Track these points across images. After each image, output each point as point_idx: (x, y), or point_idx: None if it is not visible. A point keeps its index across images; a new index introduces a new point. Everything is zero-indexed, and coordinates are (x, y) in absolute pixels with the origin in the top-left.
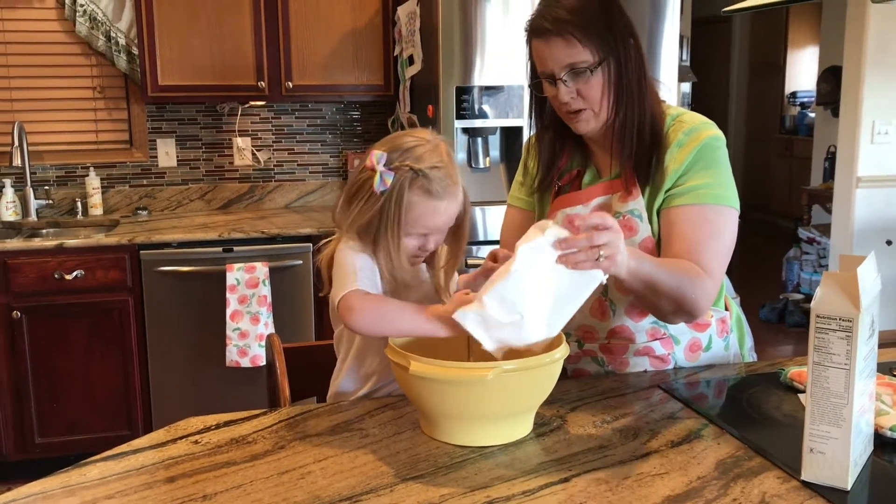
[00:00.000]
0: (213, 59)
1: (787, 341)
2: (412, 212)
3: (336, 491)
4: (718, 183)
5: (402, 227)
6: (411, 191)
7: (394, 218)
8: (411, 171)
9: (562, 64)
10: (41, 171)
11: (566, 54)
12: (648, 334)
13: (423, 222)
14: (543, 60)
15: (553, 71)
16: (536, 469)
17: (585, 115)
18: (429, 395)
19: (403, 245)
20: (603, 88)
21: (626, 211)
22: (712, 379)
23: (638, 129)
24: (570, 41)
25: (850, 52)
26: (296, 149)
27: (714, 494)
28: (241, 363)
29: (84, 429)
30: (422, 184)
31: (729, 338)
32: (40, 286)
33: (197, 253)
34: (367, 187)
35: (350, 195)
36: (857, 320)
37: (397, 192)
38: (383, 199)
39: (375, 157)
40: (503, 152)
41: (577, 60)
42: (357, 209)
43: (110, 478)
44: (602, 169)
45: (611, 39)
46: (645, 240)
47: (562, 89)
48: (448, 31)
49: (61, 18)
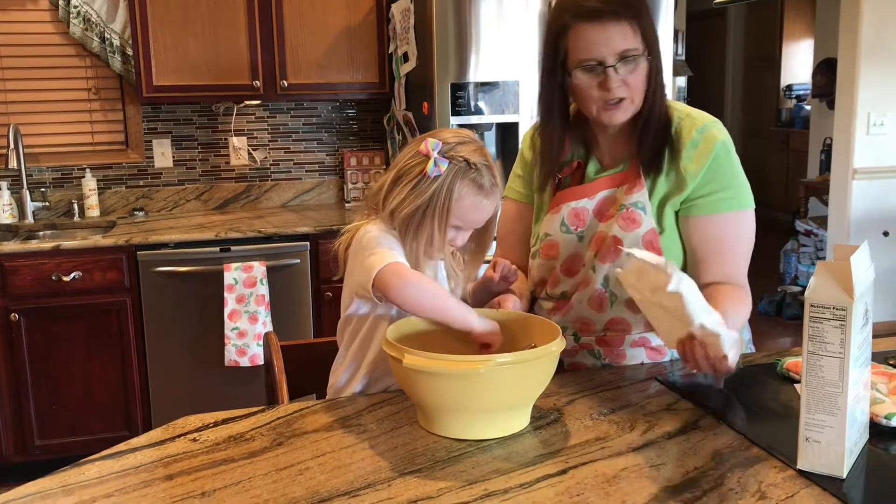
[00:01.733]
0: (208, 59)
1: (786, 333)
2: (458, 203)
3: (334, 486)
4: (737, 187)
5: (449, 216)
6: (463, 182)
7: (444, 206)
8: (466, 162)
9: (616, 50)
10: (37, 173)
11: (622, 40)
12: (645, 325)
13: (464, 215)
14: (593, 45)
15: (604, 57)
16: (534, 462)
17: (625, 104)
18: (424, 388)
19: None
20: (646, 78)
21: (629, 203)
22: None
23: (659, 122)
24: (627, 27)
25: (844, 43)
26: (292, 147)
27: (711, 485)
28: (239, 362)
29: (84, 430)
30: (474, 177)
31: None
32: (38, 288)
33: (194, 253)
34: (416, 172)
35: (396, 178)
36: (851, 309)
37: (450, 181)
38: (434, 187)
39: (431, 144)
40: (499, 148)
41: (630, 47)
42: (402, 195)
43: (108, 477)
44: (606, 161)
45: (653, 31)
46: (648, 232)
47: (612, 77)
48: (442, 28)
49: (55, 20)
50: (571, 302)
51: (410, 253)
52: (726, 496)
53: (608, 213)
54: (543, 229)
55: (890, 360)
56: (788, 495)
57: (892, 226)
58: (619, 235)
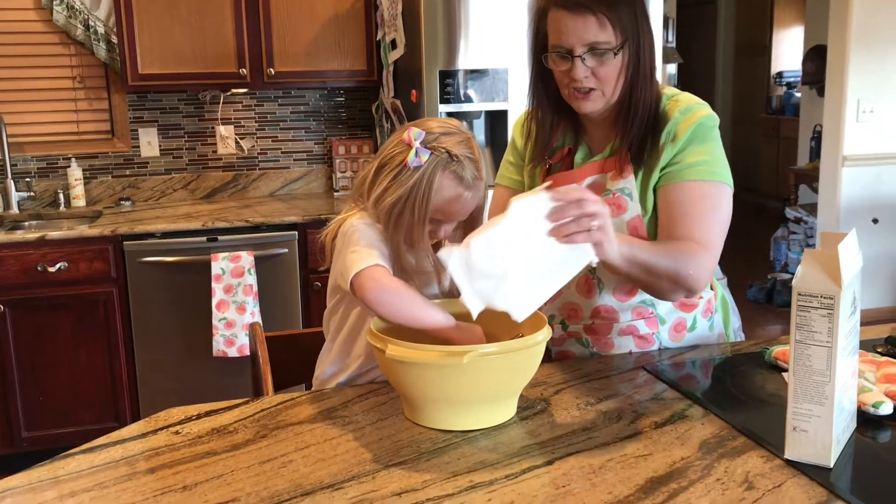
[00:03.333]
0: (194, 47)
1: (776, 321)
2: (439, 195)
3: (318, 479)
4: (713, 160)
5: (429, 208)
6: (444, 174)
7: (423, 197)
8: (447, 154)
9: (584, 41)
10: (22, 162)
11: (592, 33)
12: (634, 313)
13: (445, 208)
14: (563, 34)
15: (572, 46)
16: (520, 453)
17: (594, 95)
18: (408, 379)
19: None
20: (619, 71)
21: (616, 189)
22: (697, 359)
23: (646, 112)
24: (600, 20)
25: (834, 31)
26: (279, 136)
27: (698, 475)
28: (228, 353)
29: (71, 421)
30: (455, 169)
31: (713, 318)
32: (23, 279)
33: (181, 243)
34: (398, 162)
35: (379, 167)
36: (839, 297)
37: (430, 172)
38: (414, 178)
39: (413, 134)
40: (488, 136)
41: (600, 40)
42: (384, 184)
43: (89, 470)
44: (594, 148)
45: (634, 22)
46: (633, 218)
47: (578, 67)
48: (431, 15)
49: (38, 7)
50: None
51: (392, 244)
52: (713, 486)
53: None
54: None
55: (878, 349)
56: (776, 485)
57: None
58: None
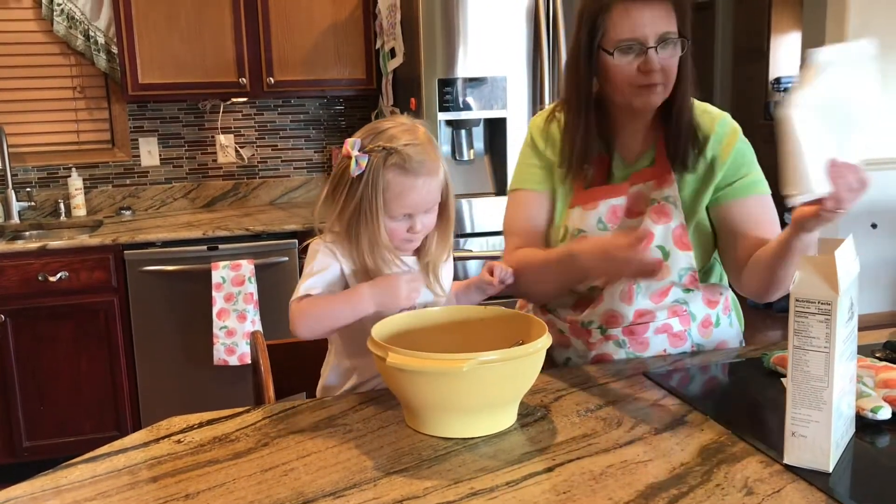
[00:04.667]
0: (194, 56)
1: (776, 326)
2: (390, 191)
3: (319, 487)
4: (760, 172)
5: (381, 209)
6: (386, 169)
7: (372, 200)
8: (384, 150)
9: (658, 31)
10: (22, 172)
11: (666, 21)
12: (669, 311)
13: (403, 201)
14: (637, 25)
15: (646, 37)
16: (520, 459)
17: (659, 89)
18: (409, 387)
19: (388, 229)
20: (676, 67)
21: (661, 198)
22: (696, 365)
23: (690, 113)
24: (670, 9)
25: (831, 36)
26: (279, 145)
27: (698, 481)
28: (228, 361)
29: (72, 431)
30: (396, 161)
31: (731, 315)
32: (24, 289)
33: (182, 252)
34: (346, 176)
35: (332, 188)
36: (836, 303)
37: (373, 174)
38: (361, 184)
39: (350, 144)
40: (487, 144)
41: (671, 30)
42: (340, 202)
43: (91, 479)
44: (626, 155)
45: (690, 19)
46: (678, 227)
47: (653, 58)
48: (429, 23)
49: (38, 18)
50: (602, 296)
51: (358, 260)
52: (713, 492)
53: (637, 208)
54: (575, 225)
55: (876, 354)
56: (775, 490)
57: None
58: (649, 229)
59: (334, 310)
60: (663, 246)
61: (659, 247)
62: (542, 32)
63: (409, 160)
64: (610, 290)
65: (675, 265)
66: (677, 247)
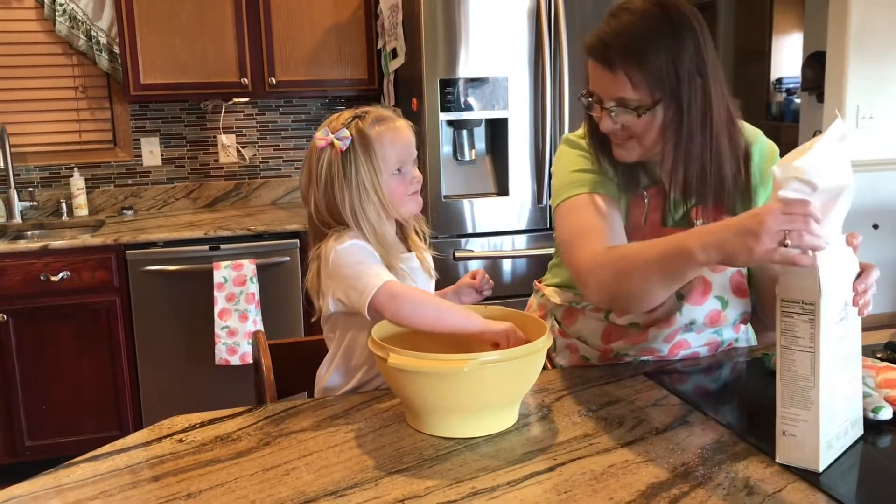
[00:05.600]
0: (195, 57)
1: None
2: (379, 142)
3: (321, 486)
4: None
5: (378, 170)
6: (367, 127)
7: (368, 163)
8: (354, 117)
9: (612, 96)
10: (25, 172)
11: (618, 88)
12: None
13: (395, 147)
14: (593, 81)
15: (601, 97)
16: (521, 459)
17: (630, 144)
18: (410, 387)
19: (389, 190)
20: (654, 127)
21: None
22: (697, 366)
23: (705, 172)
24: (622, 77)
25: (833, 36)
26: (281, 145)
27: (699, 480)
28: (230, 361)
29: (74, 431)
30: (372, 117)
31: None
32: (26, 288)
33: (184, 252)
34: (336, 168)
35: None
36: (820, 303)
37: (358, 139)
38: (353, 157)
39: (321, 133)
40: (488, 144)
41: (628, 97)
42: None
43: (94, 478)
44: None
45: (672, 80)
46: (735, 273)
47: (605, 119)
48: (431, 23)
49: (41, 18)
50: (646, 335)
51: (376, 243)
52: (714, 491)
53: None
54: None
55: (878, 354)
56: (776, 490)
57: (881, 218)
58: (708, 279)
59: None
60: (721, 296)
61: (717, 297)
62: (544, 32)
63: (382, 113)
64: (654, 332)
65: (731, 314)
66: (736, 295)
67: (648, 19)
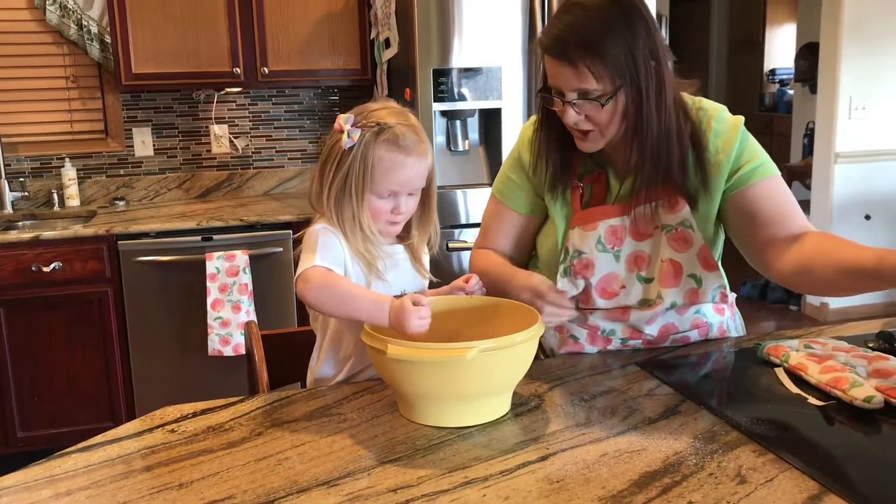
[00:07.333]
0: (188, 46)
1: (769, 317)
2: (380, 166)
3: (313, 476)
4: (765, 155)
5: (368, 185)
6: (378, 145)
7: (360, 174)
8: (377, 125)
9: (573, 88)
10: (15, 162)
11: (580, 79)
12: (692, 324)
13: (391, 177)
14: (553, 77)
15: (563, 91)
16: (514, 448)
17: (593, 135)
18: (406, 377)
19: (372, 207)
20: (615, 114)
21: (677, 224)
22: (690, 355)
23: (657, 153)
24: (581, 70)
25: (826, 27)
26: (274, 135)
27: (691, 469)
28: (223, 352)
29: (67, 421)
30: (388, 137)
31: (737, 318)
32: (18, 279)
33: (176, 242)
34: (335, 151)
35: (322, 165)
36: None
37: (364, 148)
38: (350, 158)
39: (343, 119)
40: (482, 135)
41: (590, 88)
42: (329, 177)
43: (85, 469)
44: (620, 171)
45: (631, 65)
46: (701, 248)
47: (569, 112)
48: (424, 13)
49: (31, 7)
50: (627, 313)
51: (354, 240)
52: (706, 480)
53: (645, 230)
54: (576, 246)
55: (869, 343)
56: (768, 479)
57: (873, 209)
58: (674, 258)
59: (354, 299)
60: (694, 273)
61: (690, 276)
62: (538, 22)
63: (401, 138)
64: (637, 313)
65: (707, 289)
66: (706, 269)
67: (600, 11)
